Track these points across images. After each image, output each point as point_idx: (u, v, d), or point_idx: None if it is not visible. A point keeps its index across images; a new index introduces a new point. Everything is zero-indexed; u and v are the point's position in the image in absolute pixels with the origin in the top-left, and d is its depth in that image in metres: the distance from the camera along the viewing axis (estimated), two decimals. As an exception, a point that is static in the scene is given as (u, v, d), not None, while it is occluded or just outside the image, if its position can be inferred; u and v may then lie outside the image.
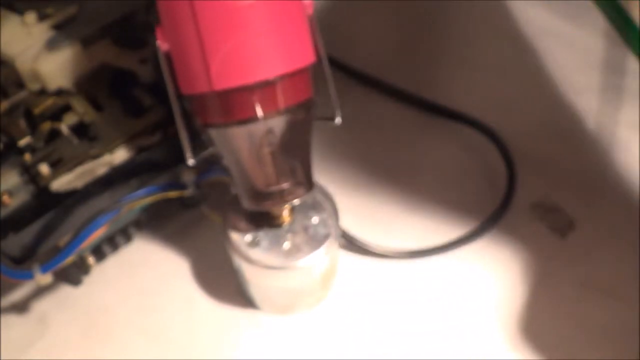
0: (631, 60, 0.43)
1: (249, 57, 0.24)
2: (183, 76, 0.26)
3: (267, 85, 0.25)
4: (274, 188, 0.27)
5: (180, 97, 0.27)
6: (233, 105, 0.25)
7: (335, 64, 0.42)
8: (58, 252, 0.29)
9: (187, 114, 0.27)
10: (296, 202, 0.28)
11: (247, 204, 0.28)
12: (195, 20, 0.24)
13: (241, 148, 0.26)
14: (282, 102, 0.26)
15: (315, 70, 0.27)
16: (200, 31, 0.24)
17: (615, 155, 0.38)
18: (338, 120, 0.29)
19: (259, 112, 0.25)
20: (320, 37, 0.28)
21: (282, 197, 0.27)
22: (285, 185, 0.27)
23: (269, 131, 0.26)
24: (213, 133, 0.27)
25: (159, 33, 0.26)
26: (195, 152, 0.28)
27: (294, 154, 0.27)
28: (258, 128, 0.26)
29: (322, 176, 0.37)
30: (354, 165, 0.39)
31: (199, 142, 0.28)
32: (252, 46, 0.24)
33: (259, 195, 0.27)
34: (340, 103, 0.29)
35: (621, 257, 0.34)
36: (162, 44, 0.26)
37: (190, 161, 0.28)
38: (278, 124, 0.26)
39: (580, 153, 0.39)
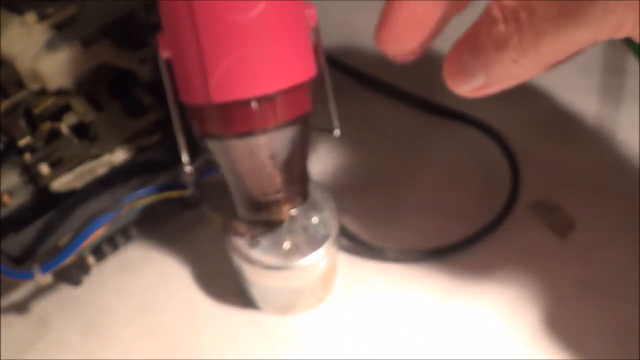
0: (631, 60, 0.43)
1: (249, 71, 0.24)
2: (182, 85, 0.26)
3: (266, 100, 0.25)
4: (271, 198, 0.27)
5: (179, 104, 0.27)
6: (232, 117, 0.25)
7: (334, 64, 0.42)
8: (58, 252, 0.29)
9: (186, 120, 0.27)
10: (293, 212, 0.28)
11: (242, 213, 0.28)
12: (195, 32, 0.24)
13: (239, 159, 0.27)
14: (281, 115, 0.25)
15: (314, 80, 0.27)
16: (200, 44, 0.24)
17: (615, 156, 0.38)
18: (337, 132, 0.29)
19: (258, 125, 0.25)
20: (322, 50, 0.28)
21: (278, 207, 0.27)
22: (281, 196, 0.27)
23: (268, 144, 0.26)
24: (211, 143, 0.27)
25: (160, 40, 0.26)
26: (193, 157, 0.28)
27: (291, 165, 0.27)
28: (257, 141, 0.26)
29: (324, 176, 0.37)
30: (354, 165, 0.39)
31: (196, 147, 0.28)
32: (252, 61, 0.24)
33: (255, 205, 0.28)
34: (340, 103, 0.29)
35: (621, 257, 0.34)
36: (163, 52, 0.26)
37: (188, 168, 0.28)
38: (277, 137, 0.26)
39: (580, 153, 0.39)
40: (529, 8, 0.21)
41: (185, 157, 0.28)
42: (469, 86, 0.24)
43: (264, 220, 0.29)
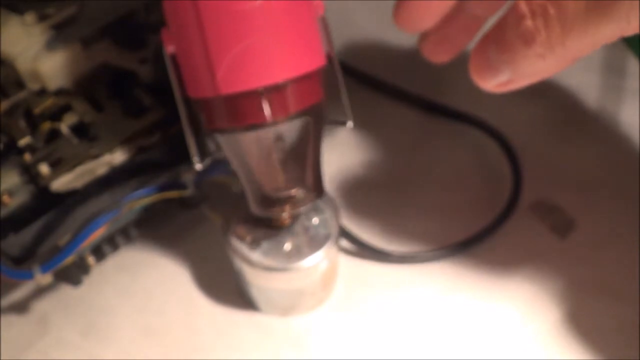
0: (631, 60, 0.43)
1: (256, 61, 0.24)
2: (189, 79, 0.26)
3: (275, 90, 0.24)
4: (283, 194, 0.27)
5: (187, 99, 0.27)
6: (240, 110, 0.25)
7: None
8: (58, 252, 0.29)
9: (194, 116, 0.27)
10: (305, 208, 0.28)
11: (254, 209, 0.28)
12: (200, 24, 0.24)
13: (249, 153, 0.26)
14: (291, 106, 0.25)
15: (325, 73, 0.27)
16: (205, 35, 0.24)
17: (615, 156, 0.38)
18: (349, 124, 0.28)
19: (268, 117, 0.25)
20: (331, 39, 0.27)
21: (290, 203, 0.27)
22: (294, 191, 0.27)
23: (278, 136, 0.25)
24: (220, 138, 0.26)
25: (164, 34, 0.25)
26: (201, 156, 0.28)
27: (304, 159, 0.27)
28: (267, 133, 0.25)
29: (325, 177, 0.37)
30: (356, 166, 0.39)
31: (203, 145, 0.28)
32: (259, 50, 0.24)
33: (267, 201, 0.27)
34: (341, 104, 0.29)
35: (621, 257, 0.34)
36: (167, 46, 0.25)
37: (198, 165, 0.27)
38: (287, 128, 0.25)
39: (580, 153, 0.39)
40: (557, 3, 0.21)
41: (194, 154, 0.27)
42: (495, 81, 0.24)
43: (276, 217, 0.29)
